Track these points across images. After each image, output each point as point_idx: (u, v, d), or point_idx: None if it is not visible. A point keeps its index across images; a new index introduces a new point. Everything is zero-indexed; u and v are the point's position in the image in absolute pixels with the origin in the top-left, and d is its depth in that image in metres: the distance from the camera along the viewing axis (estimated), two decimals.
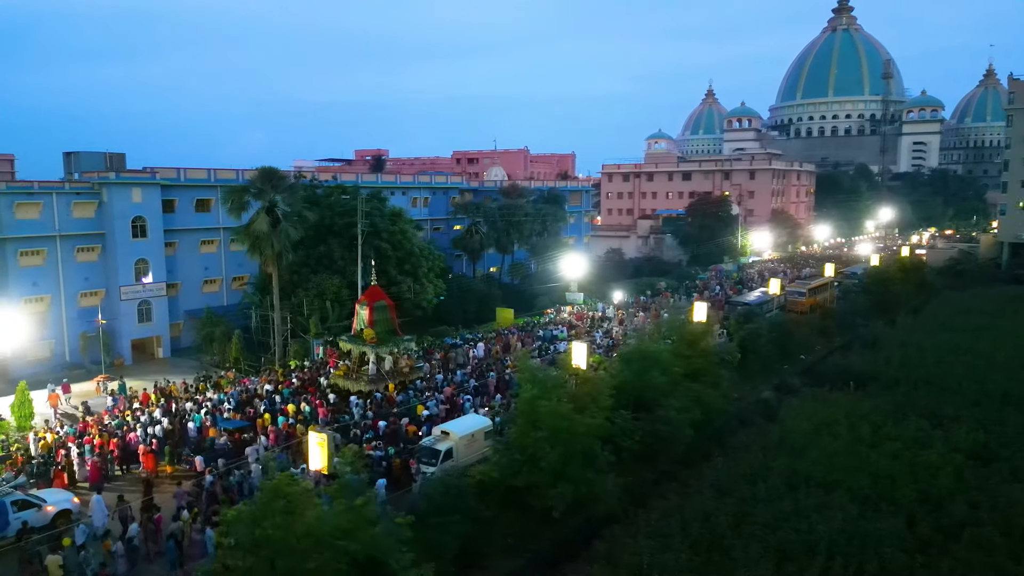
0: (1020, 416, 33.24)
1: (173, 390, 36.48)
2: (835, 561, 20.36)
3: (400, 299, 50.06)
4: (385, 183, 67.03)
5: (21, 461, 27.84)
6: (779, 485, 25.86)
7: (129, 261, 46.69)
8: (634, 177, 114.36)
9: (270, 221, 39.86)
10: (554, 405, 23.93)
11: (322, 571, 15.80)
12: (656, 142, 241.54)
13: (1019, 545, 21.55)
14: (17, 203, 43.06)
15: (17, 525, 21.95)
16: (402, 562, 17.28)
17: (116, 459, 28.81)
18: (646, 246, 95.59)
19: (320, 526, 16.13)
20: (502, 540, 23.78)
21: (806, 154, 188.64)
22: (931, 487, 25.39)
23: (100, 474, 27.11)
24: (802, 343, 50.13)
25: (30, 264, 43.84)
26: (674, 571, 19.91)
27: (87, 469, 27.39)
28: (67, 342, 45.57)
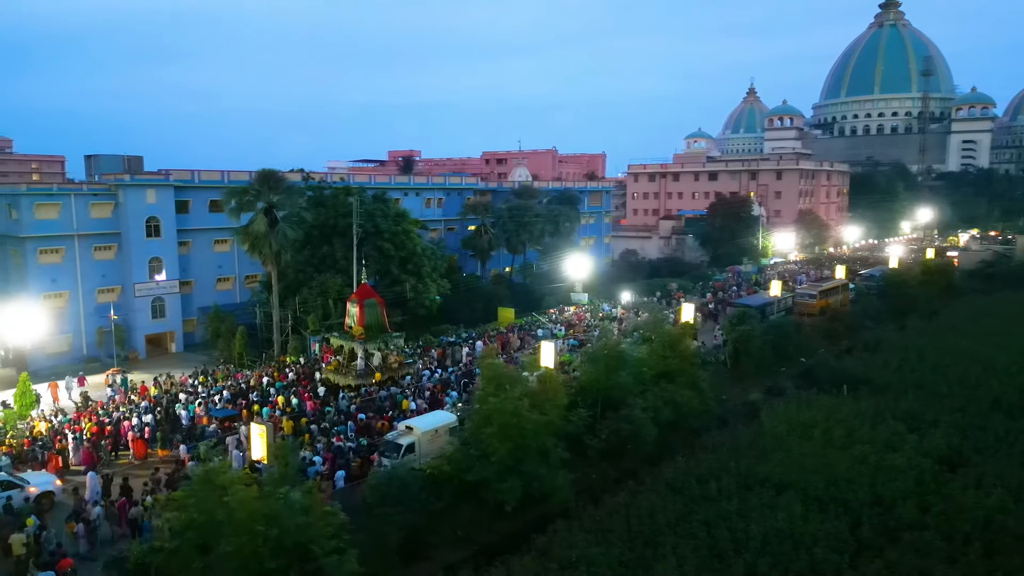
0: (1005, 422, 32.60)
1: (171, 382, 38.21)
2: (763, 560, 20.54)
3: (403, 298, 51.37)
4: (399, 184, 68.42)
5: (27, 443, 29.70)
6: (732, 485, 26.02)
7: (143, 259, 48.84)
8: (660, 177, 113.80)
9: (268, 222, 41.27)
10: (502, 402, 24.58)
11: (240, 554, 16.74)
12: (695, 141, 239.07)
13: (959, 549, 21.40)
14: (37, 204, 45.51)
15: (2, 502, 23.61)
16: (326, 548, 18.16)
17: (108, 445, 30.47)
18: (668, 247, 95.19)
19: (241, 512, 17.09)
20: (452, 532, 24.57)
21: (850, 153, 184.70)
22: (886, 490, 25.27)
23: (91, 459, 28.75)
24: (805, 346, 49.63)
25: (49, 262, 46.24)
26: (600, 564, 20.37)
27: (80, 454, 29.12)
28: (84, 336, 47.90)
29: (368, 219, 48.76)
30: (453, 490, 25.49)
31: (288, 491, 18.21)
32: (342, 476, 25.66)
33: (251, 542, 16.86)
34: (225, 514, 17.05)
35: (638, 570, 20.19)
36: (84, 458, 28.86)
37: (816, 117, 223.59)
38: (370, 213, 49.12)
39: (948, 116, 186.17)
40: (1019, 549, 21.36)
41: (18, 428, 30.68)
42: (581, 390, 30.91)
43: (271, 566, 17.16)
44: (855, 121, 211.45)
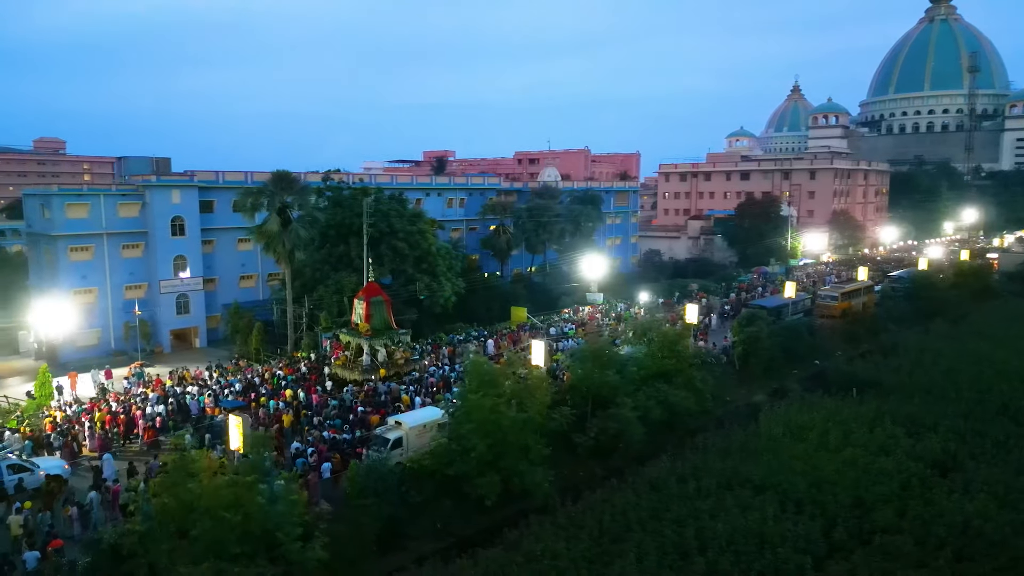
0: (1009, 427, 31.92)
1: (186, 376, 39.73)
2: (725, 558, 20.68)
3: (419, 296, 52.31)
4: (421, 184, 69.47)
5: (51, 427, 31.40)
6: (712, 485, 26.13)
7: (168, 257, 50.72)
8: (691, 177, 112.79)
9: (281, 221, 42.53)
10: (480, 398, 25.13)
11: (206, 538, 17.63)
12: (737, 140, 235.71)
13: (930, 553, 21.22)
14: (67, 203, 47.69)
15: (13, 483, 25.15)
16: (291, 535, 18.96)
17: (120, 433, 32.00)
18: (696, 247, 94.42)
19: (208, 498, 18.00)
20: (432, 525, 25.19)
21: (898, 151, 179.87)
22: (868, 494, 25.09)
23: (103, 445, 30.28)
24: (821, 348, 49.02)
25: (79, 259, 48.40)
26: (564, 558, 20.78)
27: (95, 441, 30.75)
28: (112, 331, 49.98)
29: (383, 219, 49.75)
30: (435, 484, 26.15)
31: (255, 479, 19.04)
32: (328, 468, 26.52)
33: (216, 527, 17.72)
34: (194, 500, 17.95)
35: (598, 565, 20.49)
36: (97, 444, 30.44)
37: (863, 115, 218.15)
38: (385, 213, 50.10)
39: (1001, 113, 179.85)
40: (991, 555, 21.09)
41: (37, 416, 32.30)
42: (571, 388, 31.30)
43: (236, 551, 17.98)
44: (903, 119, 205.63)
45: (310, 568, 19.10)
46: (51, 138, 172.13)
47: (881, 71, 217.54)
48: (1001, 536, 21.87)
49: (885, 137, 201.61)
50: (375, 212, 49.65)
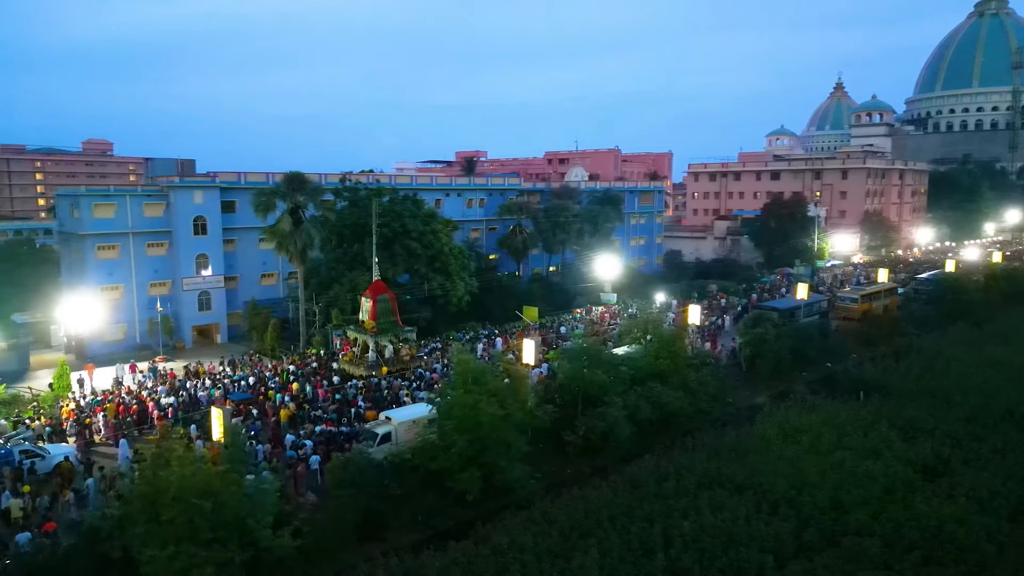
0: (1010, 433, 31.32)
1: (200, 370, 41.22)
2: (688, 555, 20.92)
3: (433, 295, 53.22)
4: (440, 185, 70.41)
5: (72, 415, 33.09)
6: (691, 484, 26.30)
7: (191, 256, 52.52)
8: (721, 177, 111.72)
9: (292, 221, 43.78)
10: (461, 395, 25.74)
11: (175, 523, 18.56)
12: (778, 139, 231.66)
13: (898, 556, 21.16)
14: (95, 203, 49.74)
15: (26, 467, 26.74)
16: (262, 522, 19.83)
17: (134, 422, 33.51)
18: (723, 247, 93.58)
19: (178, 485, 18.94)
20: (413, 517, 25.86)
21: (945, 150, 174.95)
22: (848, 496, 24.98)
23: (115, 433, 31.79)
24: (835, 350, 48.41)
25: (106, 257, 50.45)
26: (529, 551, 21.22)
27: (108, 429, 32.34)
28: (138, 326, 51.97)
29: (396, 219, 50.72)
30: (419, 478, 26.83)
31: (229, 468, 19.95)
32: (316, 460, 27.43)
33: (185, 513, 18.64)
34: (166, 487, 18.92)
35: (561, 560, 20.90)
36: (110, 433, 31.99)
37: (909, 112, 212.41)
38: (398, 213, 51.06)
39: None
40: (960, 560, 20.93)
41: (53, 406, 33.98)
42: (560, 387, 31.72)
43: (208, 536, 18.86)
44: (951, 116, 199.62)
45: (280, 555, 19.90)
46: (99, 140, 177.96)
47: (928, 67, 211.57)
48: (973, 541, 21.66)
49: (931, 135, 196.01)
50: (388, 212, 50.66)
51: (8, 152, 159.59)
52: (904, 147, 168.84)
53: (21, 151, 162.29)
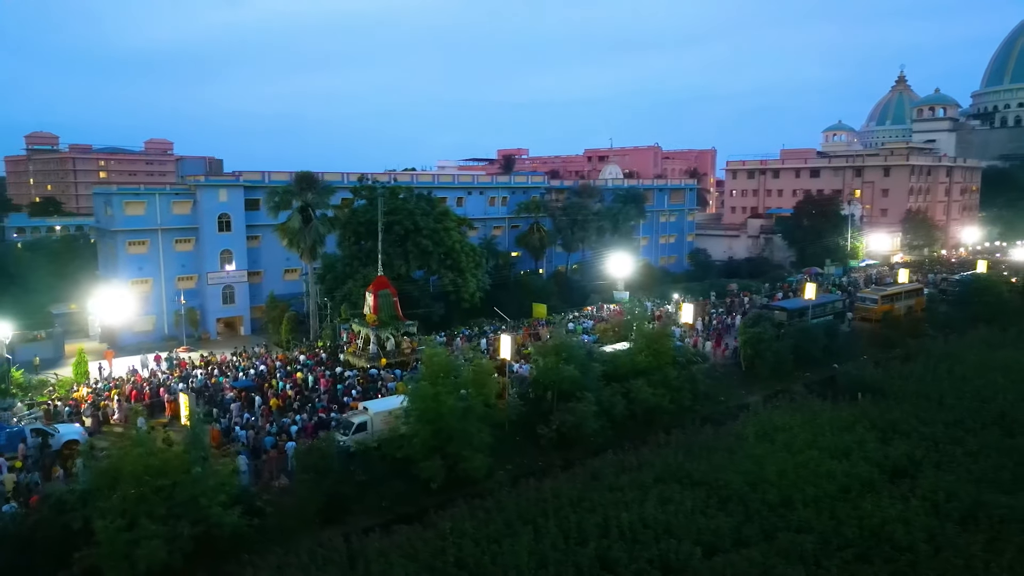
0: (990, 437, 30.78)
1: (212, 360, 43.46)
2: (619, 545, 21.57)
3: (445, 291, 54.59)
4: (463, 184, 71.73)
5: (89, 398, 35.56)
6: (648, 478, 26.85)
7: (215, 251, 55.11)
8: (759, 174, 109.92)
9: (302, 219, 45.62)
10: (423, 387, 26.87)
11: (129, 498, 20.20)
12: (835, 134, 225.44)
13: (831, 555, 21.38)
14: (126, 202, 52.69)
15: (37, 444, 29.05)
16: (213, 501, 21.34)
17: (146, 406, 35.75)
18: (756, 246, 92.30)
19: (134, 464, 20.59)
20: (376, 502, 27.12)
21: (1014, 145, 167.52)
22: (801, 495, 25.16)
23: (127, 417, 33.99)
24: (844, 351, 47.83)
25: (136, 252, 53.41)
26: (470, 535, 22.24)
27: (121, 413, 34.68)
28: (166, 317, 54.83)
29: (408, 217, 52.13)
30: (386, 466, 28.07)
31: (184, 450, 21.55)
32: (292, 447, 28.92)
33: (139, 489, 20.28)
34: (123, 465, 20.62)
35: (496, 544, 21.78)
36: (123, 416, 34.23)
37: (975, 107, 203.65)
38: (410, 212, 52.46)
39: None
40: (892, 559, 21.04)
41: (68, 391, 36.55)
42: (534, 381, 32.54)
43: (160, 512, 20.45)
44: (1020, 111, 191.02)
45: (233, 531, 21.39)
46: (160, 140, 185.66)
47: (995, 60, 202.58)
48: (909, 541, 21.71)
49: (998, 131, 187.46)
50: (400, 211, 52.13)
51: (76, 151, 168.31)
52: (969, 142, 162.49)
53: (87, 150, 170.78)
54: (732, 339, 47.79)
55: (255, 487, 26.45)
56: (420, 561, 21.26)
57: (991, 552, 21.26)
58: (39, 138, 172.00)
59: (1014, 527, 22.78)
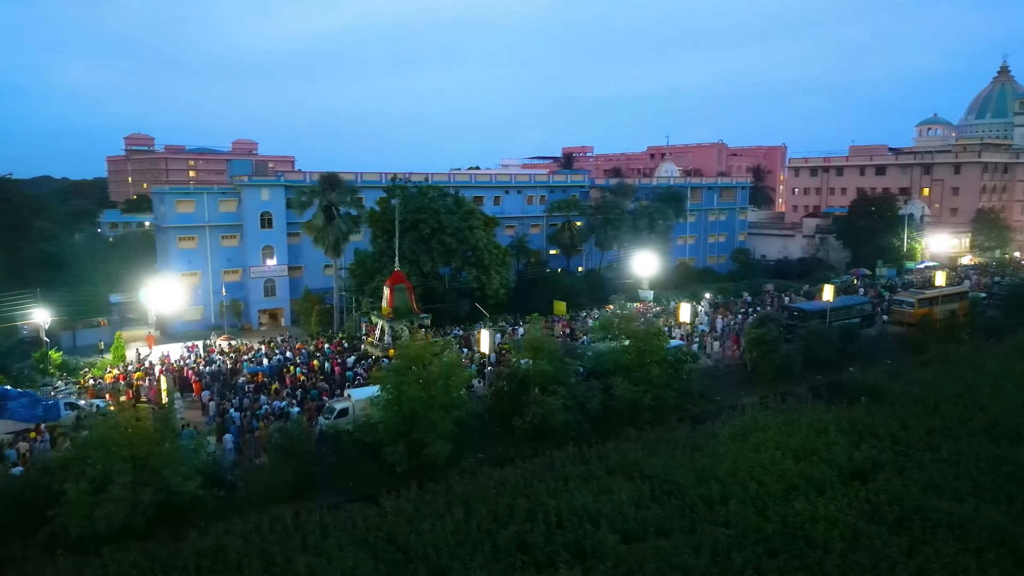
0: (967, 445, 30.04)
1: (241, 348, 46.82)
2: (538, 529, 22.74)
3: (469, 287, 56.46)
4: (501, 183, 73.34)
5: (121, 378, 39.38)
6: (601, 470, 27.84)
7: (258, 247, 58.86)
8: (822, 172, 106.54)
9: (325, 218, 48.38)
10: (383, 376, 28.72)
11: (97, 466, 22.91)
12: (929, 128, 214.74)
13: (745, 548, 21.88)
14: (177, 200, 57.02)
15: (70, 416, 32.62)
16: (175, 472, 23.84)
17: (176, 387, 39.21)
18: (811, 246, 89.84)
19: (109, 437, 23.31)
20: (345, 482, 29.21)
21: None
22: (741, 492, 25.60)
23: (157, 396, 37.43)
24: (863, 355, 46.84)
25: (186, 247, 57.73)
26: (406, 515, 23.94)
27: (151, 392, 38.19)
28: (212, 308, 58.95)
29: (432, 216, 54.19)
30: (359, 450, 30.07)
31: (154, 426, 24.16)
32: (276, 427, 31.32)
33: (107, 459, 22.96)
34: (97, 438, 23.40)
35: (427, 522, 23.34)
36: (151, 394, 37.66)
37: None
38: (435, 211, 54.49)
39: None
40: (802, 556, 21.45)
41: (103, 372, 40.48)
42: (510, 375, 33.87)
43: (127, 479, 23.04)
44: None
45: (192, 499, 23.85)
46: (246, 140, 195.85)
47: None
48: (826, 540, 21.95)
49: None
50: (426, 209, 54.26)
51: (169, 151, 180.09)
52: None
53: (180, 151, 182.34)
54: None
55: (235, 463, 28.98)
56: (355, 535, 23.09)
57: (908, 555, 21.29)
58: (137, 139, 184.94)
59: (943, 532, 22.62)
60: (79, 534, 22.06)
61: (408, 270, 54.11)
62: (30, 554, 22.25)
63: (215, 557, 21.42)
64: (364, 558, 21.54)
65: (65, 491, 22.32)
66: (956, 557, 20.98)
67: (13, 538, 23.21)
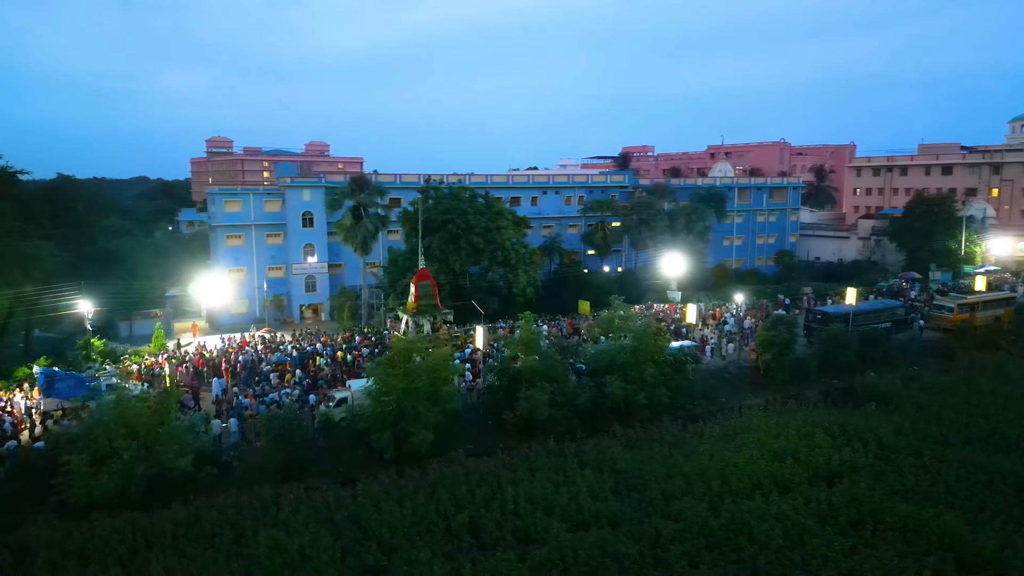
0: (953, 453, 29.48)
1: (273, 339, 49.64)
2: (489, 515, 23.96)
3: (497, 286, 57.89)
4: (538, 183, 74.39)
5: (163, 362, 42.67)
6: (571, 464, 28.73)
7: (299, 245, 61.87)
8: (885, 171, 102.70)
9: (353, 218, 50.70)
10: (371, 368, 30.38)
11: (95, 443, 25.43)
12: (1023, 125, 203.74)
13: (687, 541, 22.50)
14: (225, 200, 60.61)
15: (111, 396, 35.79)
16: (167, 449, 26.16)
17: (209, 373, 42.22)
18: (866, 248, 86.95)
19: (111, 417, 25.83)
20: (336, 466, 31.04)
21: None
22: (700, 488, 26.15)
23: (193, 380, 40.42)
24: (891, 360, 45.77)
25: (233, 244, 61.28)
26: (373, 496, 25.63)
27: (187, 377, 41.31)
28: (257, 302, 62.33)
29: (460, 216, 55.81)
30: (351, 437, 31.90)
31: (153, 409, 26.60)
32: None
33: (108, 436, 25.48)
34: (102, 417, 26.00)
35: (394, 505, 24.86)
36: (189, 379, 40.70)
37: None
38: (463, 211, 56.08)
39: None
40: (740, 550, 21.99)
41: (141, 358, 43.88)
42: (500, 370, 35.04)
43: (127, 456, 25.48)
44: None
45: (182, 475, 26.10)
46: (319, 142, 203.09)
47: None
48: (766, 537, 22.33)
49: None
50: (454, 210, 55.93)
51: (247, 154, 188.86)
52: None
53: (257, 153, 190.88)
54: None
55: (236, 445, 31.31)
56: (324, 514, 24.86)
57: (848, 555, 21.43)
58: (217, 142, 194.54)
59: (894, 536, 22.62)
60: (77, 501, 24.56)
61: (438, 268, 55.91)
62: (39, 520, 24.87)
63: (190, 526, 23.64)
64: (325, 535, 23.25)
65: (68, 463, 24.87)
66: (895, 560, 21.00)
67: (28, 504, 25.99)
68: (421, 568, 21.13)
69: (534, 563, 21.29)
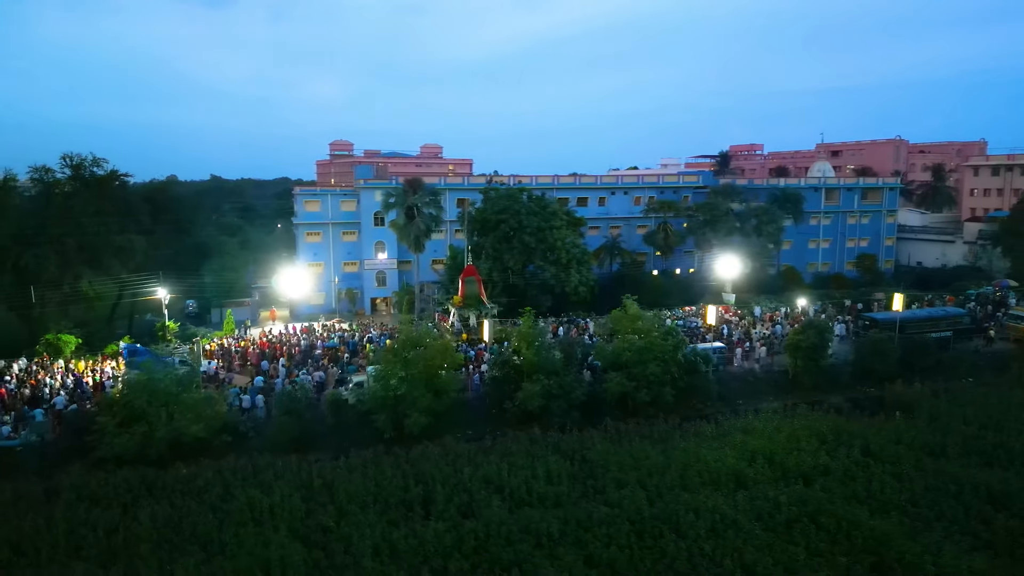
0: (955, 468, 28.31)
1: (333, 327, 53.98)
2: (440, 490, 26.00)
3: (550, 284, 59.73)
4: (606, 184, 75.16)
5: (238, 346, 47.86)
6: (546, 452, 30.24)
7: (371, 242, 66.28)
8: (1005, 171, 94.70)
9: (407, 217, 54.09)
10: (379, 355, 33.23)
11: (123, 408, 29.76)
12: None
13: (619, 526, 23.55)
14: (306, 200, 65.97)
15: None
16: (184, 417, 30.13)
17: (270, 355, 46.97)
18: (971, 253, 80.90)
19: (140, 386, 30.17)
20: (342, 443, 34.07)
21: None
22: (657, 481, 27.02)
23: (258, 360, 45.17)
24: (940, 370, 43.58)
25: (312, 241, 66.61)
26: (358, 469, 28.37)
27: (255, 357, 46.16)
28: (332, 295, 67.34)
29: (513, 216, 58.02)
30: (357, 417, 34.89)
31: (170, 381, 30.72)
32: None
33: (135, 402, 29.78)
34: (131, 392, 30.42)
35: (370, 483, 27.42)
36: (254, 359, 45.44)
37: None
38: (517, 211, 58.25)
39: None
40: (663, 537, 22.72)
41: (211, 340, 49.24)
42: (502, 363, 36.90)
43: (152, 419, 29.68)
44: None
45: (191, 439, 29.97)
46: (432, 144, 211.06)
47: None
48: (689, 528, 23.06)
49: None
50: (508, 210, 58.22)
51: (367, 156, 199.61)
52: None
53: (376, 155, 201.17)
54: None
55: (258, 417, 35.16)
56: (303, 480, 27.88)
57: (766, 551, 21.80)
58: (339, 145, 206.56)
59: (823, 535, 22.71)
60: (104, 456, 28.91)
61: (491, 266, 58.50)
62: (70, 470, 29.28)
63: (187, 483, 27.29)
64: (296, 498, 26.21)
65: (99, 423, 29.34)
66: (805, 557, 21.26)
67: (74, 459, 30.71)
68: (362, 530, 23.56)
69: (461, 533, 23.17)
